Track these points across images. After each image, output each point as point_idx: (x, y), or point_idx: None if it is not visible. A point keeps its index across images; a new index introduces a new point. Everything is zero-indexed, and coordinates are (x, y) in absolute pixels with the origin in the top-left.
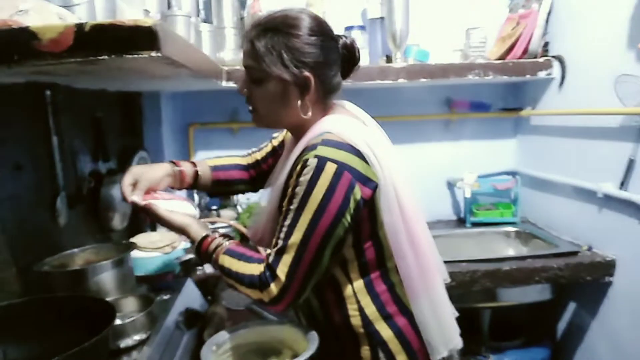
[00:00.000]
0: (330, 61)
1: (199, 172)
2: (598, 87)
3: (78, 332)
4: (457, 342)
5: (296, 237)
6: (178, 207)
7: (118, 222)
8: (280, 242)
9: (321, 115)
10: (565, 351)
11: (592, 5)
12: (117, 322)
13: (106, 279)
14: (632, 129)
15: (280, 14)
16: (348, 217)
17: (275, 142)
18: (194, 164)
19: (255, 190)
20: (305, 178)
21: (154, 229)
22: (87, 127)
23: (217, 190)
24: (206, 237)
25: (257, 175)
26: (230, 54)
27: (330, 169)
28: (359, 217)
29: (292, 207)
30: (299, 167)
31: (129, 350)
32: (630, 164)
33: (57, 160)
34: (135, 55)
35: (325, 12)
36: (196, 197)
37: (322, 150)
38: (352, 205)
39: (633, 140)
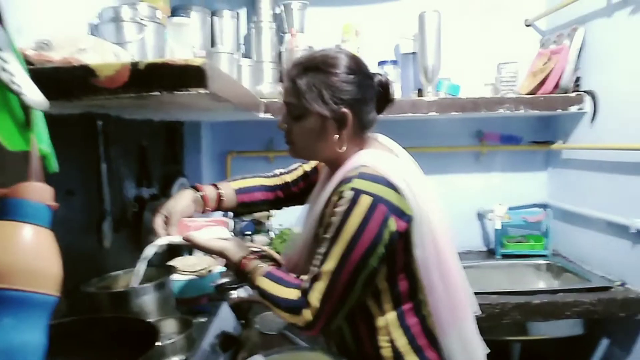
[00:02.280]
0: (367, 98)
1: (222, 195)
2: (630, 122)
3: (122, 351)
4: None
5: (330, 265)
6: (212, 233)
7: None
8: (315, 269)
9: (356, 149)
10: None
11: (623, 41)
12: (158, 343)
13: (148, 300)
14: None
15: (320, 54)
16: (382, 249)
17: (307, 167)
18: (216, 186)
19: (278, 208)
20: (341, 209)
21: (190, 252)
22: (134, 154)
23: (241, 211)
24: (243, 258)
25: (284, 197)
26: (268, 87)
27: (365, 201)
28: (394, 250)
29: (327, 235)
30: (335, 198)
31: None
32: None
33: (105, 186)
34: (185, 92)
35: (360, 47)
36: (230, 222)
37: (358, 183)
38: (386, 237)
39: None
